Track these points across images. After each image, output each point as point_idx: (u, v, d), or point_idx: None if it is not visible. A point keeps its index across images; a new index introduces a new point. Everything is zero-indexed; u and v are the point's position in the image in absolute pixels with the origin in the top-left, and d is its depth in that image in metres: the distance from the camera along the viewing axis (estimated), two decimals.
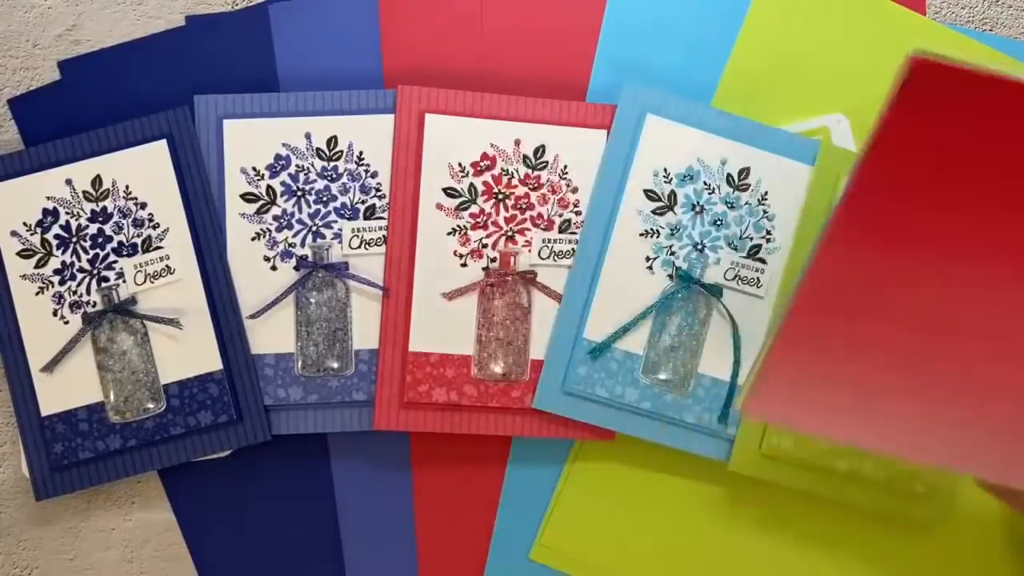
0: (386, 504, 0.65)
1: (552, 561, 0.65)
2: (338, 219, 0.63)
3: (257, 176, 0.63)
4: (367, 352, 0.62)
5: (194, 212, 0.62)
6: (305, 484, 0.65)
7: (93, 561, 0.65)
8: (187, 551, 0.65)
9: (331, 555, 0.65)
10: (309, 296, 0.62)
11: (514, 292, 0.62)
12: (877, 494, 0.63)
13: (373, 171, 0.63)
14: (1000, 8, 0.69)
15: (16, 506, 0.65)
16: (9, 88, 0.65)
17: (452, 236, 0.62)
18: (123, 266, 0.61)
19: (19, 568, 0.65)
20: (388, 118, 0.63)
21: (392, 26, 0.66)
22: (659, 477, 0.65)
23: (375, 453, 0.65)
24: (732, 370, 0.62)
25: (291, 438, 0.63)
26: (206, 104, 0.63)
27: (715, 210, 0.63)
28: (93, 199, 0.62)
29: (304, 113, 0.63)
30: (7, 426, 0.65)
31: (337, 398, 0.62)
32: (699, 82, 0.66)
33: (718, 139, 0.63)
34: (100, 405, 0.61)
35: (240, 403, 0.61)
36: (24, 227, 0.61)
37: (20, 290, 0.61)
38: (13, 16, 0.65)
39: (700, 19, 0.67)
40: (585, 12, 0.67)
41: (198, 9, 0.66)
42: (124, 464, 0.61)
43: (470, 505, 0.65)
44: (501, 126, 0.63)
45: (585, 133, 0.63)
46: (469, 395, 0.61)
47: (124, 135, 0.62)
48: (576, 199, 0.63)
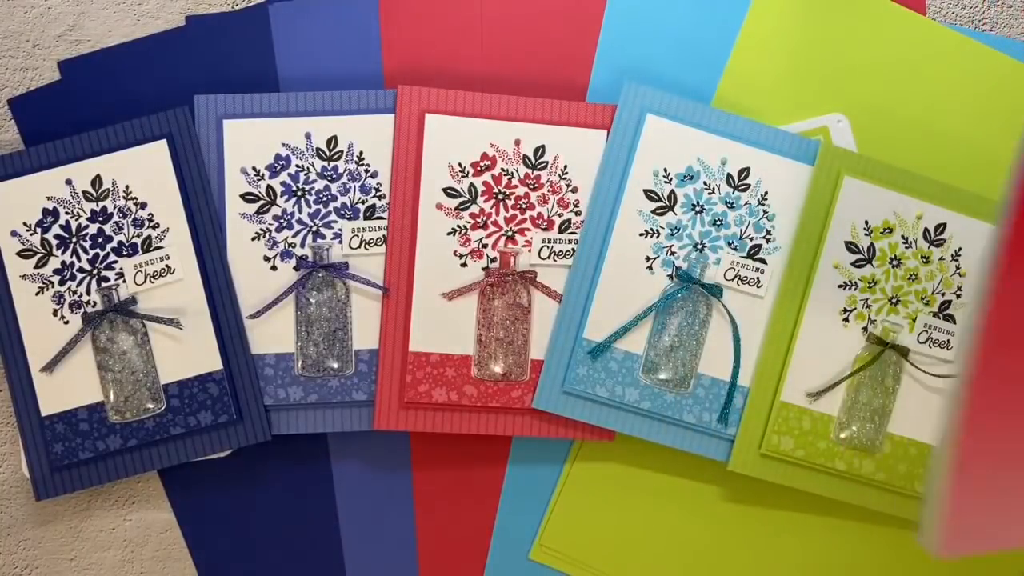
0: (386, 504, 0.65)
1: (552, 561, 0.65)
2: (338, 219, 0.63)
3: (257, 176, 0.63)
4: (367, 352, 0.62)
5: (194, 212, 0.62)
6: (305, 484, 0.65)
7: (93, 561, 0.65)
8: (187, 551, 0.65)
9: (331, 555, 0.65)
10: (309, 296, 0.62)
11: (514, 292, 0.62)
12: (877, 494, 0.63)
13: (373, 171, 0.63)
14: (1000, 8, 0.69)
15: (16, 506, 0.65)
16: (9, 88, 0.65)
17: (452, 236, 0.62)
18: (123, 266, 0.61)
19: (19, 568, 0.65)
20: (388, 118, 0.63)
21: (392, 26, 0.66)
22: (659, 477, 0.65)
23: (375, 453, 0.65)
24: (732, 370, 0.62)
25: (291, 438, 0.63)
26: (206, 104, 0.63)
27: (715, 210, 0.63)
28: (93, 199, 0.62)
29: (304, 113, 0.63)
30: (7, 426, 0.65)
31: (337, 398, 0.62)
32: (699, 82, 0.66)
33: (718, 139, 0.63)
34: (100, 405, 0.61)
35: (240, 403, 0.61)
36: (24, 227, 0.61)
37: (20, 290, 0.61)
38: (13, 16, 0.65)
39: (700, 19, 0.67)
40: (585, 13, 0.67)
41: (198, 9, 0.66)
42: (124, 464, 0.61)
43: (470, 505, 0.65)
44: (501, 126, 0.63)
45: (585, 133, 0.63)
46: (469, 395, 0.61)
47: (124, 135, 0.62)
48: (576, 199, 0.63)
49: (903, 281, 0.64)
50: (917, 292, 0.64)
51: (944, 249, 0.64)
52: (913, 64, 0.67)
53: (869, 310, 0.63)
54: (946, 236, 0.64)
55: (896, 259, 0.63)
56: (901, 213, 0.63)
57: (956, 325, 0.64)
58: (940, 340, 0.63)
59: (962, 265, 0.64)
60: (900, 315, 0.63)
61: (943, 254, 0.64)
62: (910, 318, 0.63)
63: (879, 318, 0.63)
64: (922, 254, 0.64)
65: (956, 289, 0.64)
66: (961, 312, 0.64)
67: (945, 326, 0.64)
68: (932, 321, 0.63)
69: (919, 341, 0.63)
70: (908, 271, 0.63)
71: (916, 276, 0.64)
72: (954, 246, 0.64)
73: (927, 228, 0.63)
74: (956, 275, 0.64)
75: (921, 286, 0.64)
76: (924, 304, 0.64)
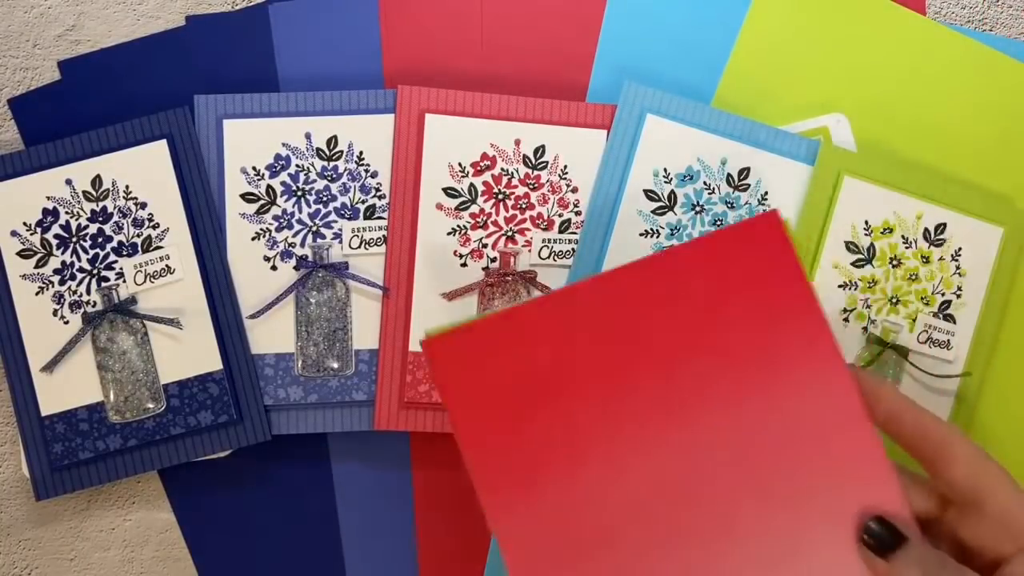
0: (386, 504, 0.65)
1: None
2: (338, 219, 0.63)
3: (257, 176, 0.63)
4: (367, 352, 0.62)
5: (194, 212, 0.62)
6: (305, 484, 0.65)
7: (93, 561, 0.65)
8: (187, 551, 0.65)
9: (331, 555, 0.65)
10: (309, 296, 0.62)
11: (514, 292, 0.62)
12: None
13: (373, 171, 0.63)
14: (1000, 8, 0.69)
15: (16, 506, 0.65)
16: (9, 88, 0.65)
17: (452, 236, 0.62)
18: (123, 266, 0.61)
19: (19, 568, 0.65)
20: (388, 118, 0.63)
21: (392, 26, 0.66)
22: None
23: (375, 453, 0.65)
24: None
25: (291, 438, 0.63)
26: (206, 104, 0.63)
27: (715, 210, 0.63)
28: (93, 199, 0.62)
29: (304, 113, 0.63)
30: (7, 426, 0.65)
31: (337, 398, 0.62)
32: (699, 82, 0.66)
33: (718, 139, 0.63)
34: (100, 405, 0.61)
35: (240, 403, 0.61)
36: (24, 227, 0.61)
37: (20, 290, 0.61)
38: (13, 16, 0.65)
39: (700, 18, 0.67)
40: (585, 12, 0.67)
41: (198, 9, 0.66)
42: (124, 464, 0.61)
43: (470, 505, 0.65)
44: (501, 126, 0.63)
45: (585, 133, 0.63)
46: None
47: (124, 135, 0.62)
48: (576, 199, 0.63)
49: (903, 281, 0.64)
50: (917, 292, 0.64)
51: (944, 249, 0.64)
52: (913, 64, 0.67)
53: (869, 310, 0.63)
54: (946, 236, 0.64)
55: (896, 259, 0.63)
56: (901, 213, 0.63)
57: (956, 325, 0.64)
58: (940, 340, 0.63)
59: (962, 265, 0.64)
60: (900, 315, 0.63)
61: (943, 254, 0.64)
62: (910, 318, 0.63)
63: (879, 318, 0.63)
64: (922, 254, 0.64)
65: (956, 289, 0.64)
66: (962, 312, 0.64)
67: (945, 326, 0.64)
68: (932, 321, 0.63)
69: (919, 341, 0.63)
70: (908, 271, 0.64)
71: (916, 276, 0.64)
72: (954, 246, 0.64)
73: (927, 228, 0.64)
74: (956, 275, 0.64)
75: (921, 286, 0.64)
76: (924, 304, 0.64)
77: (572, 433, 0.39)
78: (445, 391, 0.39)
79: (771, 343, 0.40)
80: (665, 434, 0.39)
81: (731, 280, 0.41)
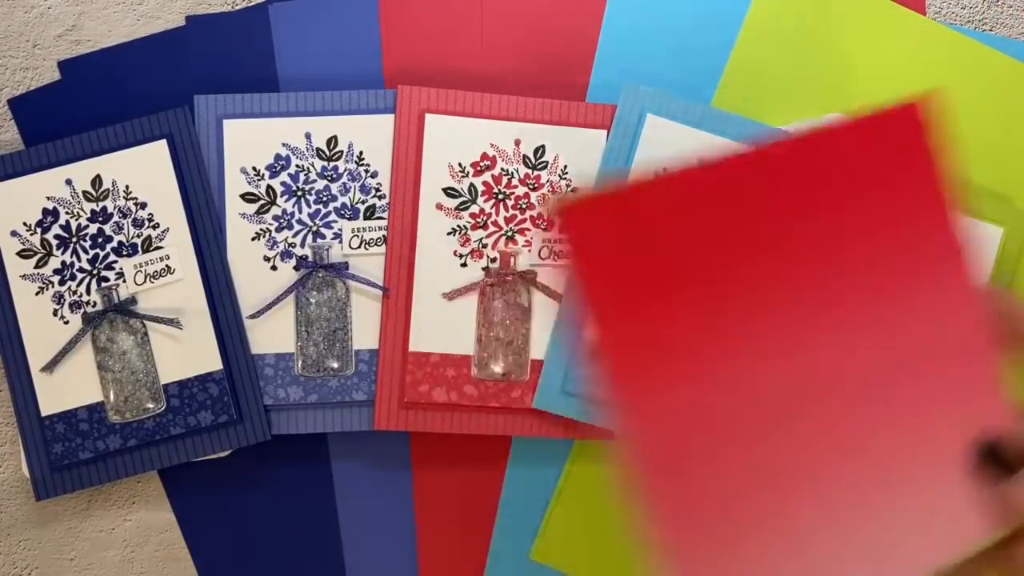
0: (386, 504, 0.65)
1: (552, 561, 0.65)
2: (338, 219, 0.63)
3: (257, 176, 0.63)
4: (367, 352, 0.62)
5: (194, 212, 0.62)
6: (305, 484, 0.65)
7: (93, 561, 0.65)
8: (187, 551, 0.65)
9: (331, 555, 0.65)
10: (309, 296, 0.62)
11: (514, 292, 0.62)
12: None
13: (373, 171, 0.63)
14: (1000, 8, 0.69)
15: (16, 506, 0.65)
16: (9, 88, 0.65)
17: (452, 236, 0.62)
18: (123, 266, 0.61)
19: (19, 568, 0.65)
20: (388, 118, 0.63)
21: (392, 26, 0.66)
22: None
23: (375, 453, 0.65)
24: None
25: (291, 438, 0.63)
26: (206, 104, 0.63)
27: None
28: (93, 199, 0.62)
29: (304, 113, 0.63)
30: (7, 426, 0.65)
31: (337, 398, 0.62)
32: (699, 82, 0.66)
33: (718, 139, 0.63)
34: (100, 405, 0.61)
35: (240, 403, 0.61)
36: (24, 227, 0.61)
37: (20, 290, 0.61)
38: (13, 16, 0.65)
39: (700, 19, 0.67)
40: (585, 12, 0.67)
41: (198, 9, 0.66)
42: (124, 464, 0.61)
43: (470, 505, 0.65)
44: (501, 126, 0.63)
45: (585, 133, 0.63)
46: (469, 395, 0.61)
47: (124, 135, 0.62)
48: None
49: None
50: None
51: None
52: (913, 64, 0.67)
53: None
54: None
55: None
56: None
57: None
58: None
59: None
60: None
61: None
62: None
63: None
64: None
65: None
66: None
67: None
68: None
69: None
70: None
71: None
72: None
73: None
74: None
75: None
76: None
77: (718, 320, 0.37)
78: (584, 269, 0.36)
79: (908, 251, 0.39)
80: (806, 333, 0.38)
81: (872, 174, 0.39)
